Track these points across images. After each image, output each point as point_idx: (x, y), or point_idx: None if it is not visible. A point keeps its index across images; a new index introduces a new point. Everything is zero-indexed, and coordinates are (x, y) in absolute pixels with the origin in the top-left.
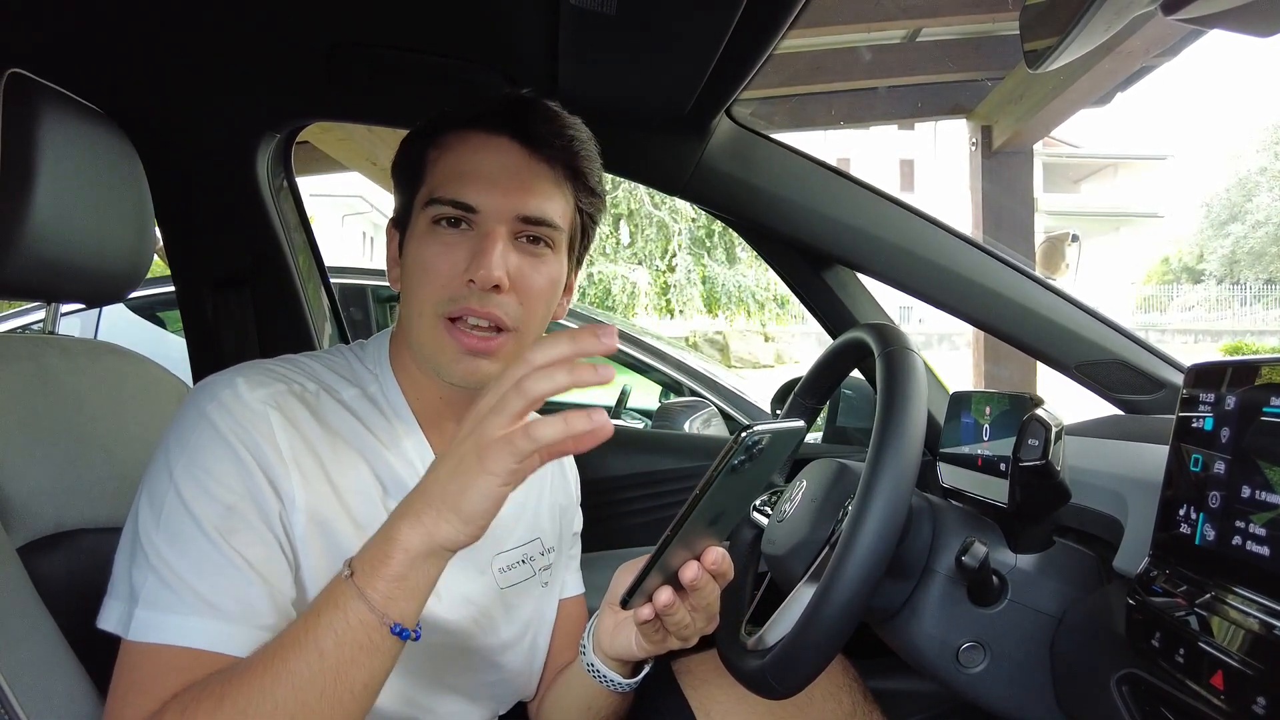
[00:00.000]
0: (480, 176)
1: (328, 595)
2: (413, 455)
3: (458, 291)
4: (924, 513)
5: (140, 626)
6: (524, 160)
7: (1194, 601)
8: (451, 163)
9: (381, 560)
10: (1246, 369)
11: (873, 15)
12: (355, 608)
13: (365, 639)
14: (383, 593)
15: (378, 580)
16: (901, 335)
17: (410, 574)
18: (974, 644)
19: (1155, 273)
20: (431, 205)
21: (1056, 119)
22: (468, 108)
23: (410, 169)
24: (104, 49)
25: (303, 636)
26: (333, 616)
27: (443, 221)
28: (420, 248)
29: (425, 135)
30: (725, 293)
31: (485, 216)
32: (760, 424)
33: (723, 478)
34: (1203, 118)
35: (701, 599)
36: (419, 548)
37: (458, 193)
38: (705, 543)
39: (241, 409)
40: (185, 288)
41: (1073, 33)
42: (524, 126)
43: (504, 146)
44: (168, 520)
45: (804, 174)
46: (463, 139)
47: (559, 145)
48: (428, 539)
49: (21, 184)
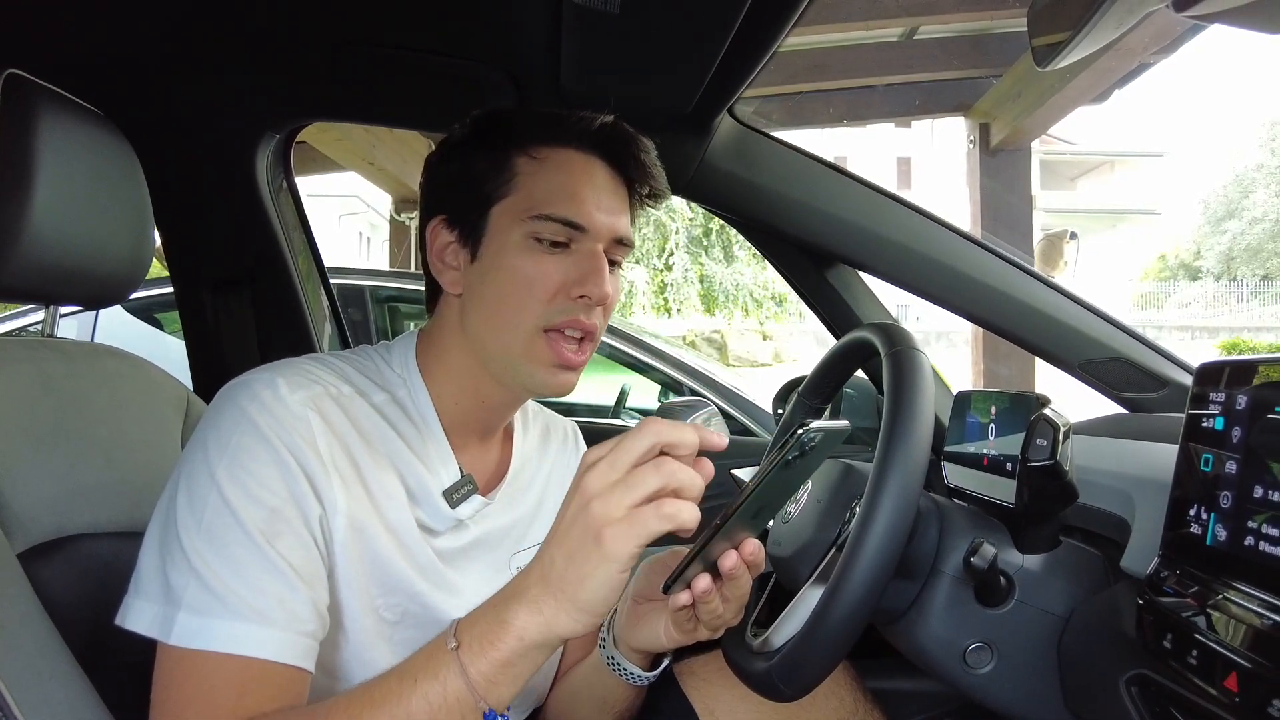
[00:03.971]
0: (588, 199)
1: (427, 661)
2: (438, 464)
3: (561, 304)
4: (931, 513)
5: (184, 631)
6: (615, 184)
7: (1205, 602)
8: (557, 180)
9: (492, 642)
10: (1257, 367)
11: (871, 13)
12: (455, 684)
13: (458, 717)
14: (486, 675)
15: (483, 661)
16: (908, 335)
17: (519, 661)
18: (981, 645)
19: (1152, 270)
20: (539, 220)
21: (1055, 116)
22: (554, 124)
23: (489, 176)
24: (102, 49)
25: (394, 699)
26: (429, 686)
27: (545, 241)
28: (520, 260)
29: (506, 143)
30: (723, 291)
31: (593, 235)
32: (814, 422)
33: (775, 472)
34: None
35: (735, 589)
36: (535, 638)
37: (572, 213)
38: (743, 534)
39: (284, 411)
40: (184, 289)
41: (1084, 30)
42: (613, 150)
43: (599, 168)
44: (211, 522)
45: (806, 172)
46: (564, 156)
47: (640, 171)
48: (546, 630)
49: (19, 186)
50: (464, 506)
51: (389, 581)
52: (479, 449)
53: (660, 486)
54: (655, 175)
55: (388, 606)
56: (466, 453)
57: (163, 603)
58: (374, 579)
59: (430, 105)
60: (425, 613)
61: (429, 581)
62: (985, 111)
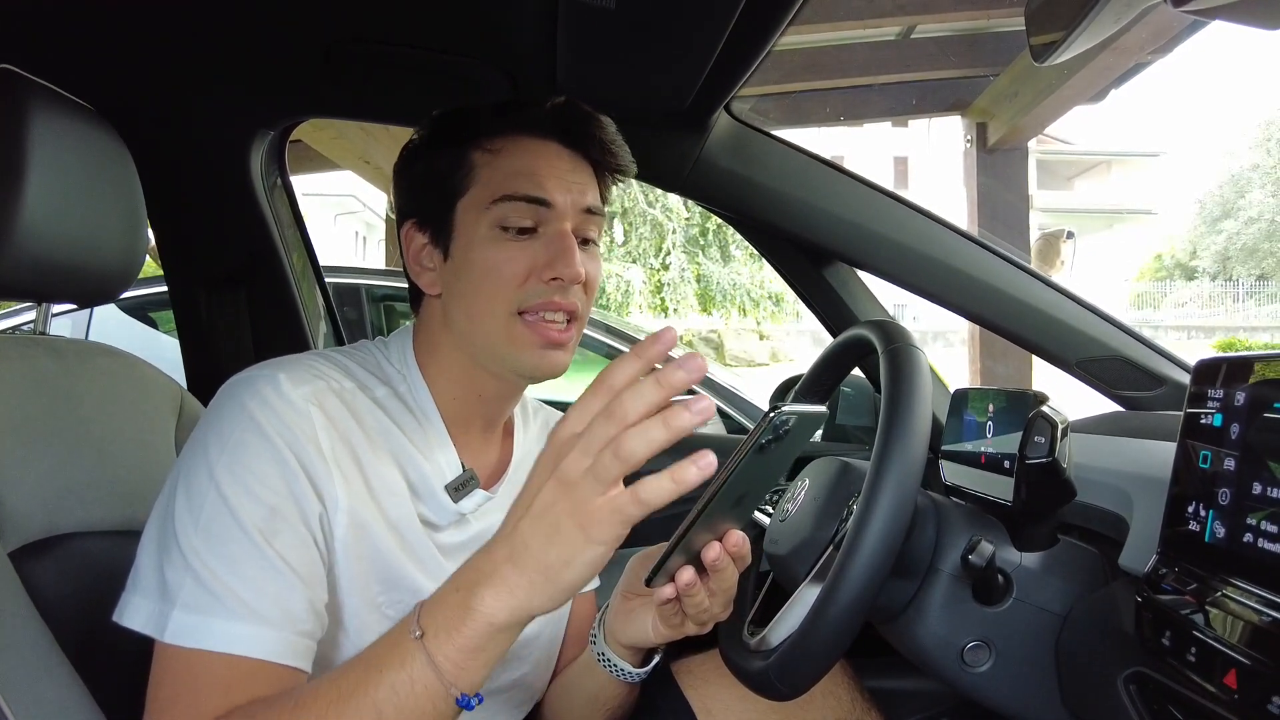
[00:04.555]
0: (548, 175)
1: (391, 650)
2: (439, 458)
3: (534, 288)
4: (928, 512)
5: (179, 629)
6: (576, 161)
7: (1204, 599)
8: (514, 163)
9: (457, 627)
10: (1255, 365)
11: (867, 12)
12: (422, 674)
13: (429, 706)
14: (455, 662)
15: (450, 648)
16: (905, 332)
17: (488, 645)
18: (979, 643)
19: (1148, 269)
20: (502, 203)
21: (1051, 116)
22: (506, 114)
23: (450, 174)
24: (95, 45)
25: (361, 691)
26: (396, 676)
27: (510, 229)
28: (486, 251)
29: (463, 139)
30: (720, 291)
31: (558, 212)
32: (788, 405)
33: (750, 457)
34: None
35: (721, 581)
36: (505, 619)
37: (533, 189)
38: (727, 525)
39: (285, 407)
40: (178, 287)
41: (1080, 26)
42: (568, 130)
43: (555, 149)
44: (208, 520)
45: (804, 170)
46: (516, 143)
47: (599, 149)
48: (518, 611)
49: (12, 182)
50: (466, 501)
51: (390, 577)
52: (480, 443)
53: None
54: (615, 151)
55: (389, 602)
56: (468, 447)
57: (159, 600)
58: (375, 575)
59: (425, 102)
60: None
61: (429, 577)
62: (982, 110)
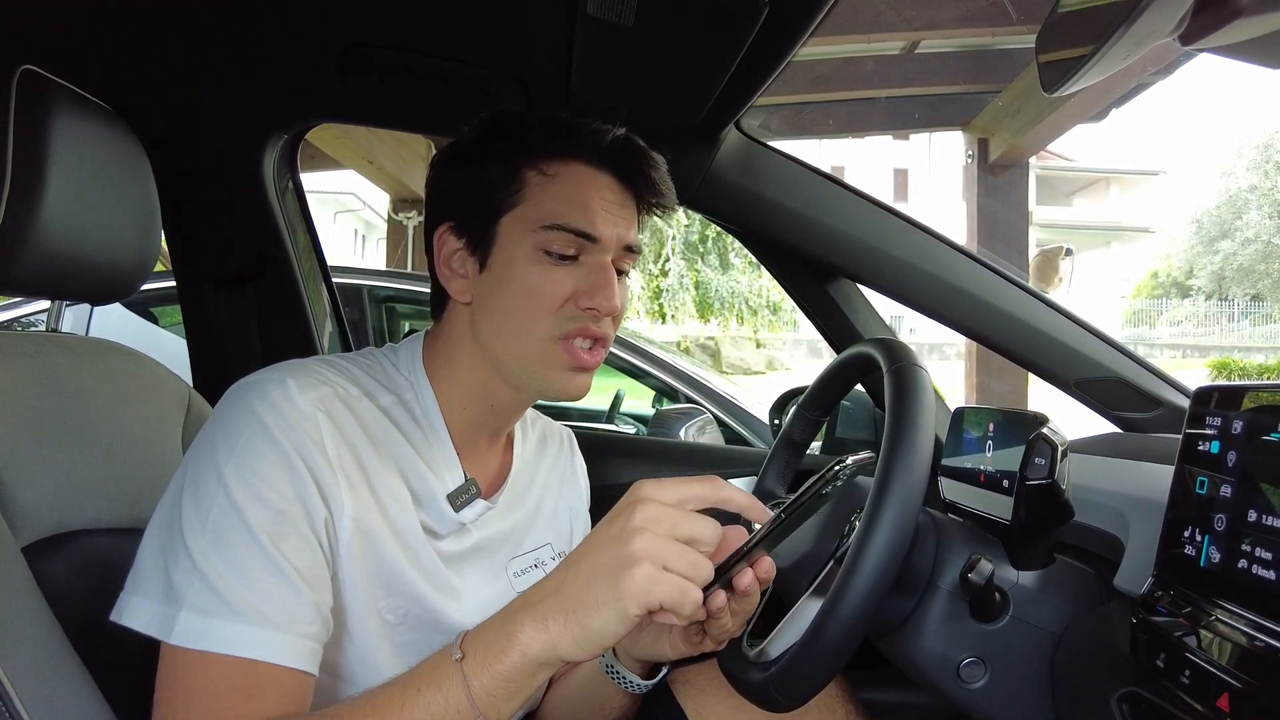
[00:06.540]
0: (598, 210)
1: (432, 672)
2: (442, 468)
3: (570, 313)
4: (929, 529)
5: (186, 632)
6: (624, 197)
7: (1198, 623)
8: (568, 191)
9: (496, 656)
10: (1253, 392)
11: (873, 26)
12: (456, 696)
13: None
14: (488, 689)
15: (486, 674)
16: (910, 351)
17: (520, 677)
18: (975, 660)
19: (1144, 287)
20: (549, 231)
21: (1053, 133)
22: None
23: (499, 186)
24: (115, 46)
25: (397, 708)
26: (432, 697)
27: (554, 254)
28: (529, 270)
29: (515, 152)
30: (718, 298)
31: (602, 245)
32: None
33: (810, 502)
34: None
35: (746, 604)
36: (539, 655)
37: (584, 224)
38: (758, 553)
39: (293, 411)
40: (188, 286)
41: (1093, 59)
42: (622, 165)
43: (608, 182)
44: (216, 523)
45: (810, 186)
46: (572, 169)
47: (649, 188)
48: (548, 649)
49: (32, 181)
50: (467, 510)
51: (393, 583)
52: (484, 453)
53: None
54: (664, 191)
55: (390, 608)
56: (471, 457)
57: (164, 601)
58: (378, 581)
59: (438, 110)
60: (426, 615)
61: (431, 584)
62: (984, 127)
